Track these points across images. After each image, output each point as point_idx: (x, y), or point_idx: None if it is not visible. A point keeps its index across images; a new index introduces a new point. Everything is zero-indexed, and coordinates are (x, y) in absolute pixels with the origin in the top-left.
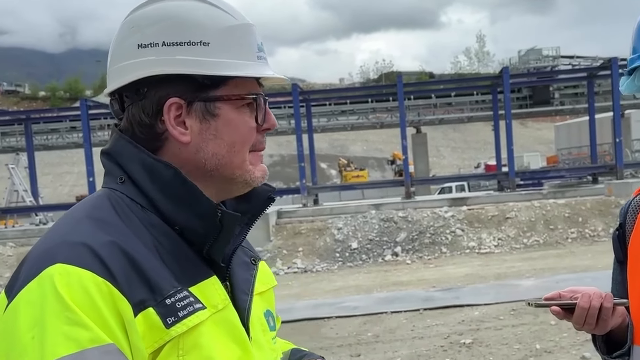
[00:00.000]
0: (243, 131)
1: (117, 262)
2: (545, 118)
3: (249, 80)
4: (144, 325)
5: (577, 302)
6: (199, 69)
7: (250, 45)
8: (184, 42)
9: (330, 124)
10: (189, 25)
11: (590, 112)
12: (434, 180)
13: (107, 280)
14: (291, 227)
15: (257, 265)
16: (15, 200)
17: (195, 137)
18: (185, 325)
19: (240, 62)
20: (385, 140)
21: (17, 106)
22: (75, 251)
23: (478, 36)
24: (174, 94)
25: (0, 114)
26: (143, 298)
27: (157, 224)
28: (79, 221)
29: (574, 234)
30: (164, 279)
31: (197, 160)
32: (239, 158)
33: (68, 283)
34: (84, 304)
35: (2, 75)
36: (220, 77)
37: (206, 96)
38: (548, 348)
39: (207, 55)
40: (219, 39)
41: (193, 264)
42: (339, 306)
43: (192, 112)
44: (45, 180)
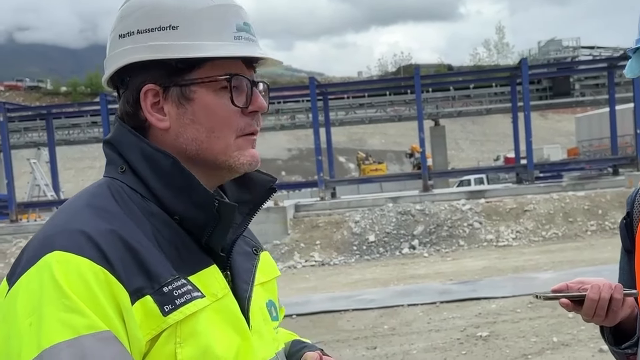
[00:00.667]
0: (222, 115)
1: (115, 250)
2: (565, 109)
3: (231, 62)
4: (141, 312)
5: (586, 293)
6: (167, 53)
7: (225, 25)
8: (155, 27)
9: (348, 117)
10: (160, 10)
11: (610, 103)
12: (452, 173)
13: (105, 268)
14: (309, 220)
15: (258, 255)
16: (37, 195)
17: (173, 123)
18: (182, 313)
19: (212, 43)
20: (404, 133)
21: (39, 102)
22: (73, 239)
23: (497, 27)
24: (149, 81)
25: (22, 110)
26: (141, 286)
27: (156, 213)
28: (79, 209)
29: (594, 226)
30: (162, 267)
31: (179, 147)
32: (220, 143)
33: (66, 270)
34: (81, 291)
35: (24, 71)
36: (194, 60)
37: (181, 80)
38: (565, 341)
39: (176, 38)
40: (189, 22)
41: (192, 253)
42: (355, 299)
43: (169, 97)
44: (67, 174)
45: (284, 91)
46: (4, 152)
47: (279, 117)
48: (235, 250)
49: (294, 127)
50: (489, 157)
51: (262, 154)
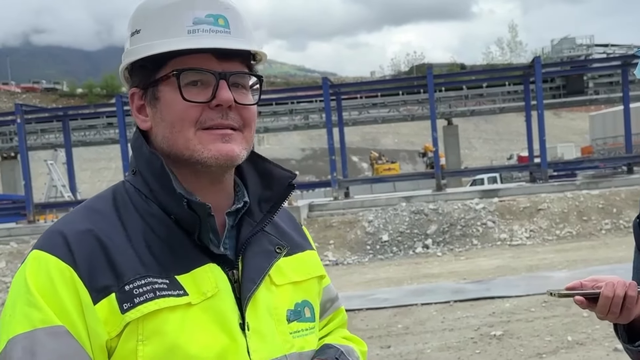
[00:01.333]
0: (177, 109)
1: (84, 249)
2: (579, 108)
3: (198, 57)
4: (107, 310)
5: (600, 291)
6: (131, 57)
7: (176, 21)
8: (130, 34)
9: (361, 117)
10: (134, 18)
11: (625, 101)
12: (466, 172)
13: (70, 266)
14: (322, 220)
15: (281, 254)
16: (54, 196)
17: (153, 124)
18: (138, 312)
19: (163, 41)
20: (417, 132)
21: (55, 103)
22: (50, 238)
23: (510, 26)
24: (134, 85)
25: (39, 111)
26: (108, 284)
27: (156, 214)
28: (76, 210)
29: (608, 225)
30: (130, 266)
31: (160, 146)
32: (181, 138)
33: (37, 268)
34: (44, 287)
35: (41, 73)
36: (158, 61)
37: (153, 82)
38: (580, 340)
39: (139, 41)
40: (148, 24)
41: (188, 252)
42: (369, 298)
43: (147, 99)
44: (83, 175)
45: (297, 91)
46: (21, 154)
47: (293, 117)
48: (252, 249)
49: (308, 127)
50: (502, 156)
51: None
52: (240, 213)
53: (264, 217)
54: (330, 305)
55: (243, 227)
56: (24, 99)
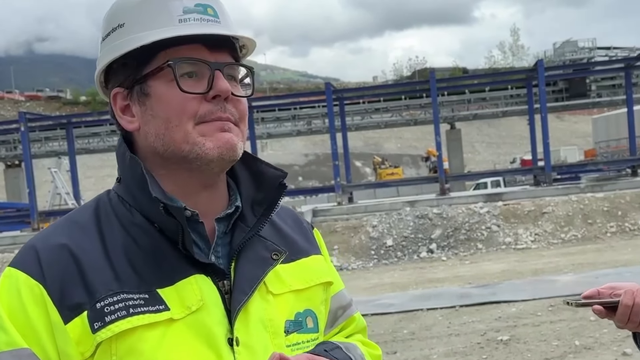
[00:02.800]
0: (175, 102)
1: (56, 265)
2: (582, 111)
3: (189, 48)
4: (80, 329)
5: (619, 299)
6: (116, 52)
7: (166, 10)
8: (110, 31)
9: (364, 122)
10: (112, 14)
11: (628, 103)
12: (469, 176)
13: (40, 284)
14: (326, 225)
15: (277, 260)
16: (59, 203)
17: (141, 123)
18: (110, 331)
19: (153, 30)
20: (420, 137)
21: (59, 111)
22: (23, 254)
23: (512, 30)
24: (116, 84)
25: (42, 119)
26: (80, 302)
27: (139, 223)
28: (57, 222)
29: (613, 228)
30: (103, 282)
31: (149, 146)
32: (179, 132)
33: (8, 285)
34: (13, 306)
35: (44, 81)
36: (146, 55)
37: (139, 78)
38: (588, 344)
39: (123, 35)
40: (132, 16)
41: (172, 263)
42: (374, 304)
43: (134, 97)
44: (87, 183)
45: (300, 97)
46: (25, 162)
47: (296, 122)
48: (246, 256)
49: (311, 133)
50: (506, 160)
51: (280, 159)
52: (233, 218)
53: (257, 221)
54: (342, 313)
55: (235, 233)
56: (28, 107)
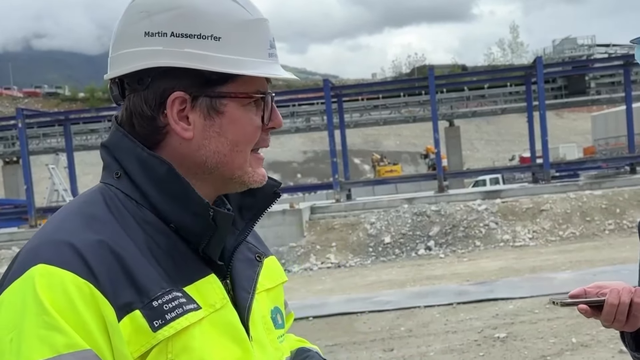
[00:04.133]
0: (248, 130)
1: (102, 262)
2: (581, 108)
3: (258, 77)
4: (130, 328)
5: (605, 298)
6: (207, 65)
7: (262, 42)
8: (194, 34)
9: (362, 119)
10: (201, 16)
11: (627, 101)
12: (468, 173)
13: (90, 282)
14: (324, 222)
15: (262, 261)
16: (56, 200)
17: (198, 134)
18: (172, 329)
19: (251, 59)
20: (419, 134)
21: (57, 108)
22: (58, 251)
23: (511, 27)
24: (179, 88)
25: (40, 115)
26: (130, 300)
27: (152, 221)
28: (68, 217)
29: (612, 225)
30: (152, 280)
31: (198, 157)
32: (240, 158)
33: (49, 285)
34: (64, 307)
35: (43, 78)
36: (229, 75)
37: (212, 92)
38: (585, 342)
39: (217, 50)
40: (231, 34)
41: (189, 262)
42: (372, 301)
43: (197, 107)
44: (86, 180)
45: (298, 94)
46: (22, 158)
47: (294, 119)
48: (237, 257)
49: (309, 130)
50: (504, 157)
51: (278, 156)
52: None
53: (246, 225)
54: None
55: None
56: (26, 103)
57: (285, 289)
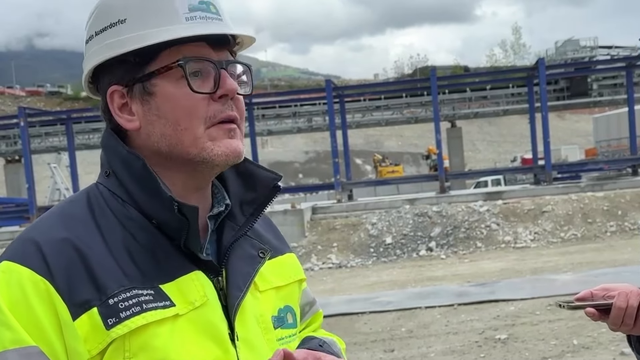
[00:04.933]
0: (184, 104)
1: (61, 260)
2: (583, 110)
3: (193, 46)
4: (88, 326)
5: (612, 301)
6: (119, 49)
7: (171, 8)
8: (107, 26)
9: (364, 119)
10: (109, 7)
11: (629, 102)
12: (469, 174)
13: (46, 279)
14: (326, 222)
15: (264, 258)
16: (58, 199)
17: (143, 122)
18: (126, 327)
19: (159, 29)
20: (420, 135)
21: (60, 107)
22: (22, 248)
23: (514, 28)
24: (114, 81)
25: (42, 114)
26: (88, 298)
27: (135, 218)
28: (48, 216)
29: (613, 227)
30: (113, 278)
31: (152, 146)
32: (189, 135)
33: (7, 280)
34: (17, 303)
35: (46, 77)
36: (149, 52)
37: (142, 76)
38: (586, 344)
39: (126, 31)
40: (135, 12)
41: (172, 259)
42: (373, 301)
43: (134, 96)
44: (88, 179)
45: (300, 94)
46: (24, 157)
47: (296, 120)
48: (236, 253)
49: (311, 130)
50: (506, 158)
51: (280, 157)
52: (222, 216)
53: (246, 220)
54: (309, 309)
55: (225, 231)
56: (29, 102)
57: None
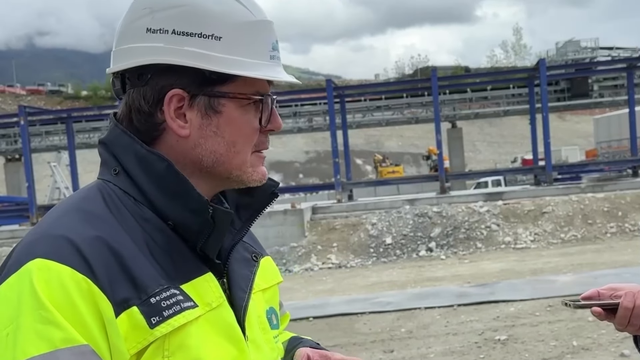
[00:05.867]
0: (246, 131)
1: (100, 258)
2: (584, 111)
3: (258, 79)
4: (127, 324)
5: (619, 301)
6: (207, 64)
7: (264, 44)
8: (195, 33)
9: (365, 119)
10: (203, 15)
11: (630, 104)
12: (470, 175)
13: (88, 277)
14: (326, 222)
15: (258, 261)
16: (58, 198)
17: (194, 132)
18: (170, 326)
19: (252, 61)
20: (421, 135)
21: (60, 106)
22: (56, 245)
23: (514, 29)
24: (177, 85)
25: (42, 113)
26: (127, 296)
27: (150, 218)
28: (66, 213)
29: (613, 228)
30: (150, 276)
31: (194, 156)
32: (239, 159)
33: (46, 279)
34: (61, 301)
35: (47, 75)
36: (228, 74)
37: (211, 91)
38: (586, 345)
39: (217, 50)
40: (232, 34)
41: (187, 261)
42: (372, 302)
43: (195, 105)
44: (88, 178)
45: (301, 94)
46: (24, 156)
47: (297, 119)
48: (234, 256)
49: (312, 130)
50: (507, 159)
51: (280, 156)
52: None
53: (243, 225)
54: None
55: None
56: (29, 101)
57: (286, 289)
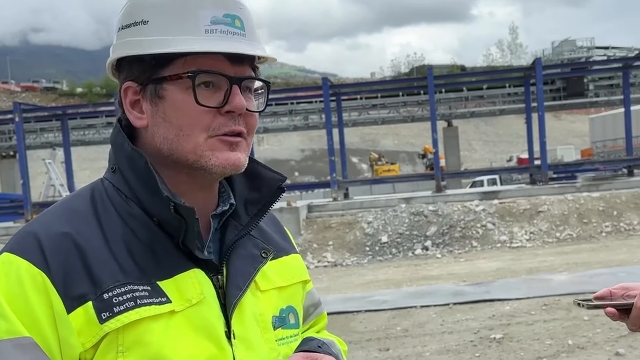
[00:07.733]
0: (189, 113)
1: (59, 254)
2: (579, 110)
3: (210, 58)
4: (82, 319)
5: (633, 301)
6: (137, 49)
7: (194, 18)
8: (131, 23)
9: (361, 118)
10: (137, 6)
11: (625, 103)
12: (465, 173)
13: (43, 272)
14: (321, 221)
15: (267, 258)
16: (53, 195)
17: (150, 121)
18: (119, 321)
19: (178, 37)
20: (417, 134)
21: (55, 102)
22: (23, 240)
23: (511, 28)
24: (129, 78)
25: (37, 110)
26: (84, 292)
27: (137, 215)
28: (52, 210)
29: (609, 227)
30: (109, 273)
31: (155, 146)
32: (190, 142)
33: (6, 272)
34: (14, 294)
35: (42, 72)
36: (166, 57)
37: (156, 78)
38: (581, 344)
39: (147, 34)
40: (159, 16)
41: (171, 257)
42: (368, 300)
43: (146, 95)
44: (82, 175)
45: (297, 92)
46: (19, 153)
47: (293, 118)
48: (238, 252)
49: (307, 128)
50: (502, 158)
51: (276, 154)
52: (226, 216)
53: (250, 220)
54: (313, 311)
55: (228, 230)
56: (24, 98)
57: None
